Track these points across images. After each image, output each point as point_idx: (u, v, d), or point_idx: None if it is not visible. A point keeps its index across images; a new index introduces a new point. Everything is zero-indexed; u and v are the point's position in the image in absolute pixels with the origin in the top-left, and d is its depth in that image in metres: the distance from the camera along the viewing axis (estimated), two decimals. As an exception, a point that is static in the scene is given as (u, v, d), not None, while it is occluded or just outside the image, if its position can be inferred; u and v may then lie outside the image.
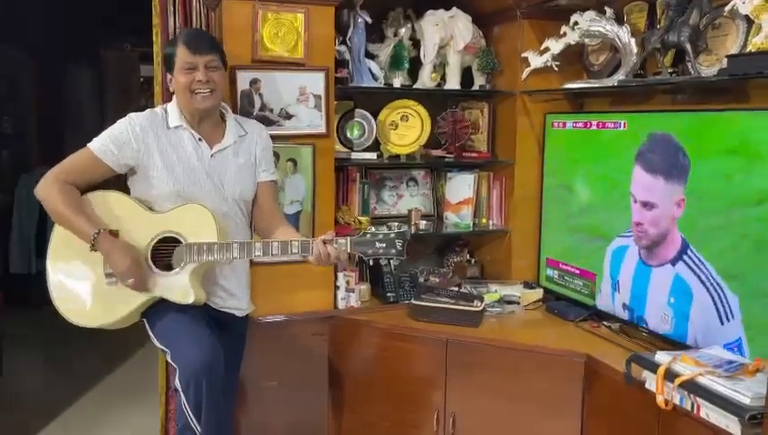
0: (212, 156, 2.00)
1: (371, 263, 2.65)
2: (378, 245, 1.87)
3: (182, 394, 1.81)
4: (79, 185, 1.93)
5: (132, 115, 1.98)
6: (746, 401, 1.62)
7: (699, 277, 2.05)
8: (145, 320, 1.98)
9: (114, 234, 1.89)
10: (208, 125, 2.02)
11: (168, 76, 2.00)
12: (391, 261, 2.52)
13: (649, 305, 2.25)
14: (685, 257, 2.09)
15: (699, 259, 2.05)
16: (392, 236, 1.88)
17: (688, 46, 2.12)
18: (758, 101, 2.02)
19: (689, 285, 2.08)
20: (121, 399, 3.39)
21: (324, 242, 1.87)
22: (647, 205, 2.24)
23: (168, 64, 1.98)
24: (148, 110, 2.03)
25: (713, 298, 2.00)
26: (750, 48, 1.97)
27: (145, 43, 2.63)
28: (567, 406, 2.25)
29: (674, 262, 2.14)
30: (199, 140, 1.99)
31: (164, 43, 2.37)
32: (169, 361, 1.90)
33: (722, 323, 1.97)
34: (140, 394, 3.34)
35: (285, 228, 2.09)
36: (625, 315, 2.37)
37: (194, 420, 1.82)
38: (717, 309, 1.98)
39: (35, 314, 3.69)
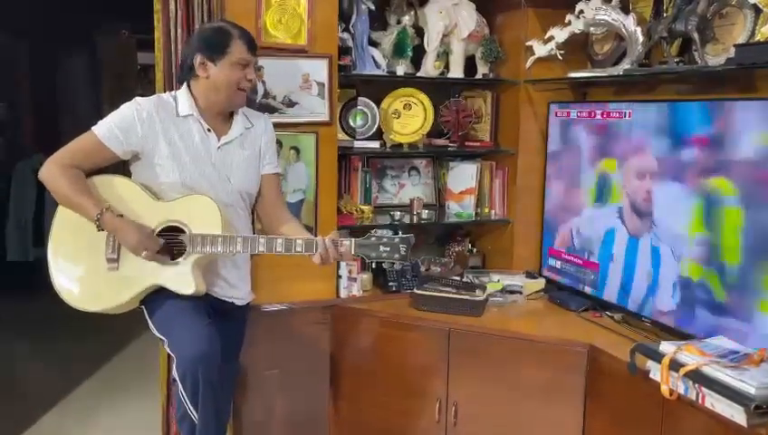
0: (218, 148, 1.98)
1: (374, 265, 2.67)
2: (381, 248, 1.85)
3: (179, 383, 1.80)
4: (83, 169, 1.90)
5: (139, 99, 1.94)
6: (752, 390, 1.62)
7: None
8: (144, 307, 1.97)
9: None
10: (218, 116, 2.00)
11: (207, 63, 1.91)
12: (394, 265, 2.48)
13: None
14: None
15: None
16: (396, 240, 1.86)
17: (695, 35, 2.11)
18: (765, 91, 2.02)
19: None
20: (120, 387, 3.38)
21: (328, 242, 1.85)
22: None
23: (213, 53, 1.90)
24: (155, 95, 2.00)
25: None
26: (758, 37, 1.96)
27: (143, 29, 2.59)
28: (569, 395, 2.26)
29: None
30: (208, 130, 1.97)
31: (165, 29, 2.34)
32: (167, 350, 1.89)
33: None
34: (139, 382, 3.33)
35: (291, 223, 2.08)
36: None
37: (191, 408, 1.82)
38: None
39: (33, 302, 3.68)
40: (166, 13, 2.32)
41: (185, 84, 1.99)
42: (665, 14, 2.30)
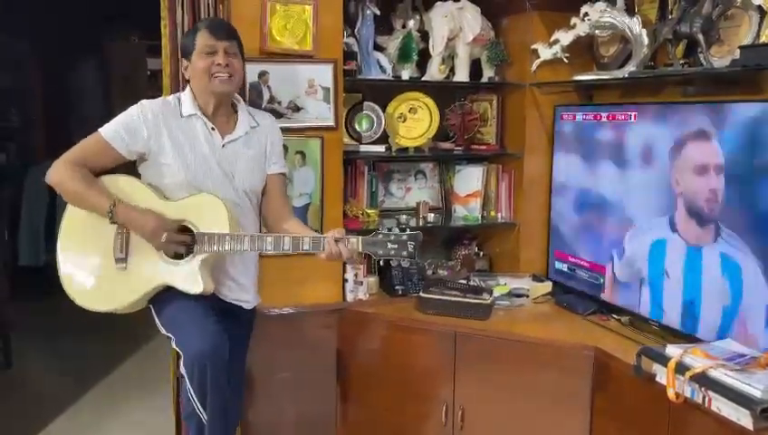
0: (223, 146, 2.00)
1: (381, 262, 2.68)
2: (389, 246, 1.85)
3: (187, 380, 1.82)
4: (89, 169, 1.93)
5: (144, 102, 1.98)
6: (758, 394, 1.61)
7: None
8: (152, 306, 1.99)
9: None
10: (222, 115, 2.02)
11: (185, 63, 2.00)
12: (401, 262, 2.46)
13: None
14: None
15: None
16: (404, 237, 1.85)
17: (701, 37, 2.10)
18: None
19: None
20: (131, 390, 3.40)
21: (336, 240, 1.86)
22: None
23: (186, 51, 1.98)
24: (161, 98, 2.04)
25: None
26: (763, 39, 1.96)
27: (152, 35, 2.62)
28: (576, 399, 2.25)
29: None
30: (212, 129, 1.99)
31: (172, 36, 2.37)
32: (174, 347, 1.91)
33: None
34: (151, 386, 3.35)
35: (294, 223, 2.09)
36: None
37: (199, 406, 1.83)
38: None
39: (44, 306, 3.71)
40: (173, 19, 2.35)
41: (188, 86, 2.03)
42: (670, 16, 2.29)
